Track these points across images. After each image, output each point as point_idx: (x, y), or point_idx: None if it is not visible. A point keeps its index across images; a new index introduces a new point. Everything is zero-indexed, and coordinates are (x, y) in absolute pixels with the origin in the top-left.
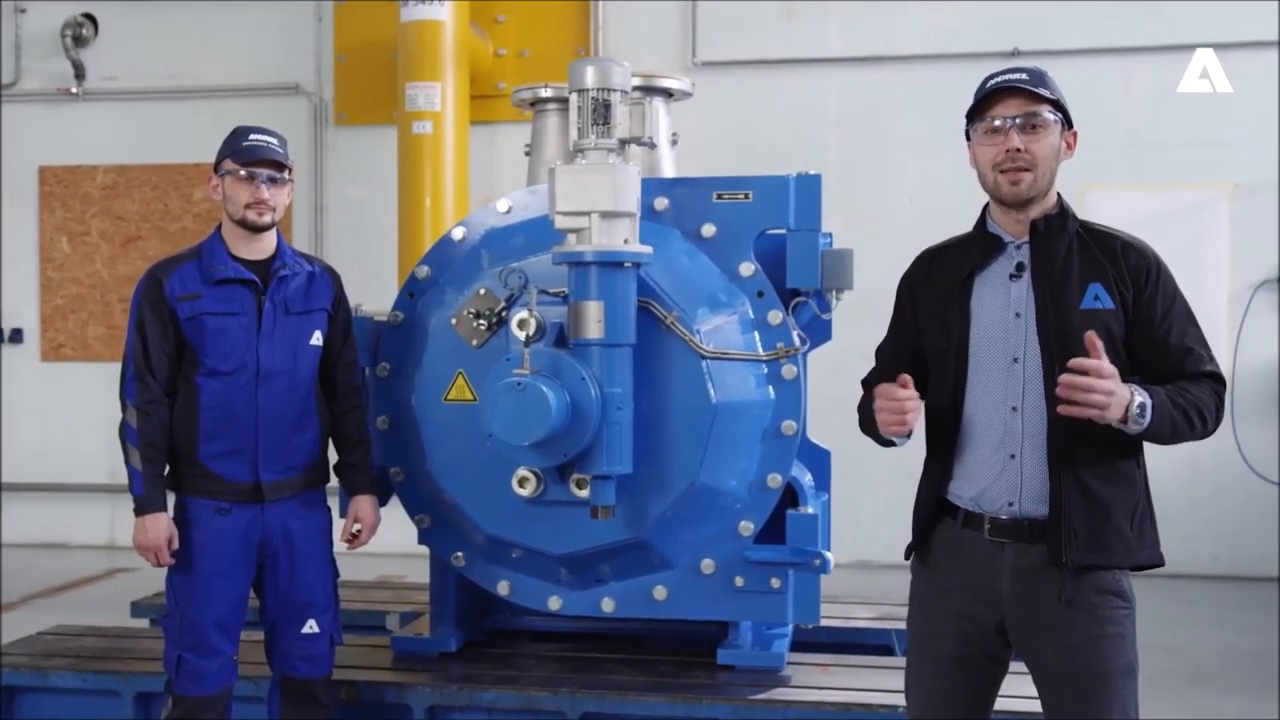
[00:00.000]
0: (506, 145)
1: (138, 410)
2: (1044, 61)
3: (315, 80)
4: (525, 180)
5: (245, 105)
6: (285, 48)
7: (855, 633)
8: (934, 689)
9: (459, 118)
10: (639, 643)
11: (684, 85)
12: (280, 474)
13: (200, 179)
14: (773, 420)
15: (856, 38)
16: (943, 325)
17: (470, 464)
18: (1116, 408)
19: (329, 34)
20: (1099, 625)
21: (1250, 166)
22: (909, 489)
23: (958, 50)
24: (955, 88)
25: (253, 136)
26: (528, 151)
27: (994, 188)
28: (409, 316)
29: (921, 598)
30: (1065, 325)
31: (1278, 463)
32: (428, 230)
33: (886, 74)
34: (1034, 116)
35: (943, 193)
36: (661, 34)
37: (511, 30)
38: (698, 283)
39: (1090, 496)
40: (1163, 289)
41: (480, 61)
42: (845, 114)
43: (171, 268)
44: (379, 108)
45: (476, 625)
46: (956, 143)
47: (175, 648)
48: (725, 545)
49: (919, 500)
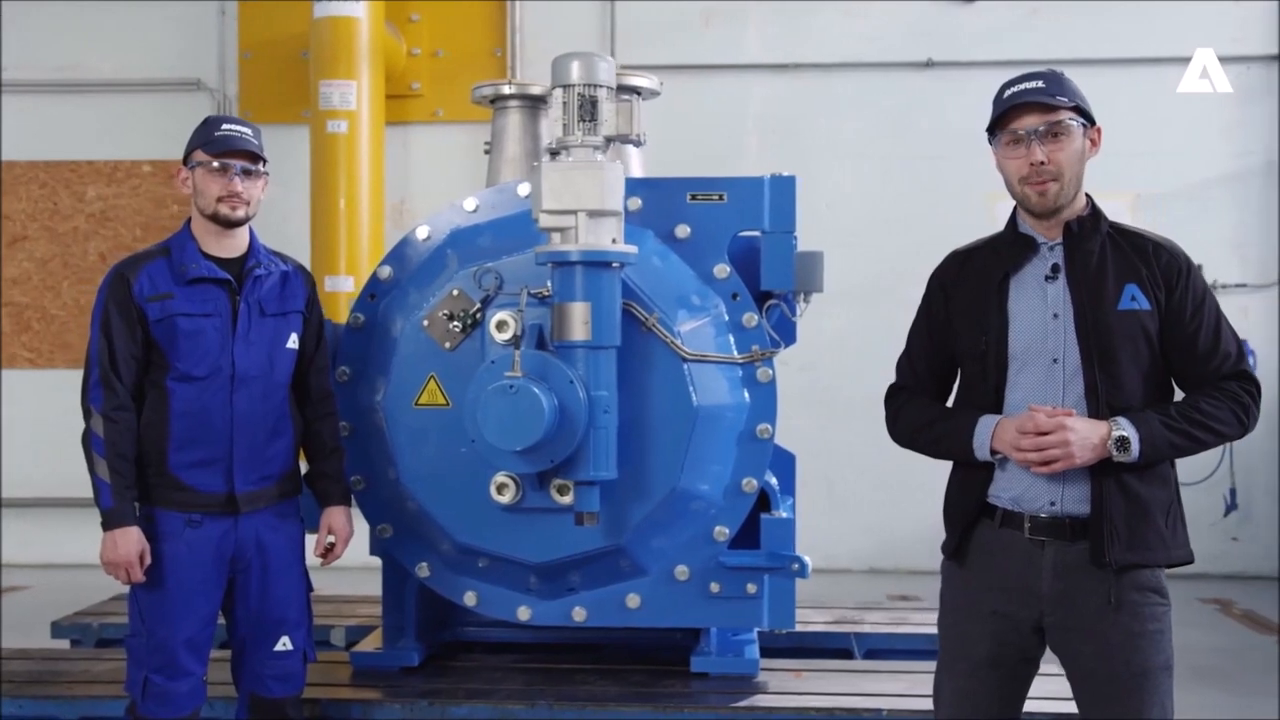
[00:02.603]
0: (420, 146)
1: (104, 418)
2: (955, 72)
3: (218, 76)
4: (447, 181)
5: (142, 100)
6: (185, 42)
7: (814, 637)
8: (969, 690)
9: (374, 117)
10: (598, 651)
11: (652, 84)
12: (255, 484)
13: (94, 176)
14: (748, 424)
15: (774, 45)
16: (980, 326)
17: (443, 470)
18: (1084, 449)
19: (233, 29)
20: (1140, 623)
21: (1151, 177)
22: (837, 493)
23: (874, 59)
24: (871, 96)
25: (225, 126)
26: (487, 150)
27: (1022, 198)
28: (370, 319)
29: (956, 599)
30: (1103, 326)
31: None
32: (343, 232)
33: (804, 81)
34: (1055, 125)
35: (860, 199)
36: (580, 37)
37: (426, 30)
38: (673, 284)
39: (1130, 495)
40: (1193, 288)
41: (394, 61)
42: (764, 120)
43: (139, 265)
44: (287, 106)
45: (434, 639)
46: (873, 150)
47: (141, 669)
48: (700, 551)
49: (953, 501)
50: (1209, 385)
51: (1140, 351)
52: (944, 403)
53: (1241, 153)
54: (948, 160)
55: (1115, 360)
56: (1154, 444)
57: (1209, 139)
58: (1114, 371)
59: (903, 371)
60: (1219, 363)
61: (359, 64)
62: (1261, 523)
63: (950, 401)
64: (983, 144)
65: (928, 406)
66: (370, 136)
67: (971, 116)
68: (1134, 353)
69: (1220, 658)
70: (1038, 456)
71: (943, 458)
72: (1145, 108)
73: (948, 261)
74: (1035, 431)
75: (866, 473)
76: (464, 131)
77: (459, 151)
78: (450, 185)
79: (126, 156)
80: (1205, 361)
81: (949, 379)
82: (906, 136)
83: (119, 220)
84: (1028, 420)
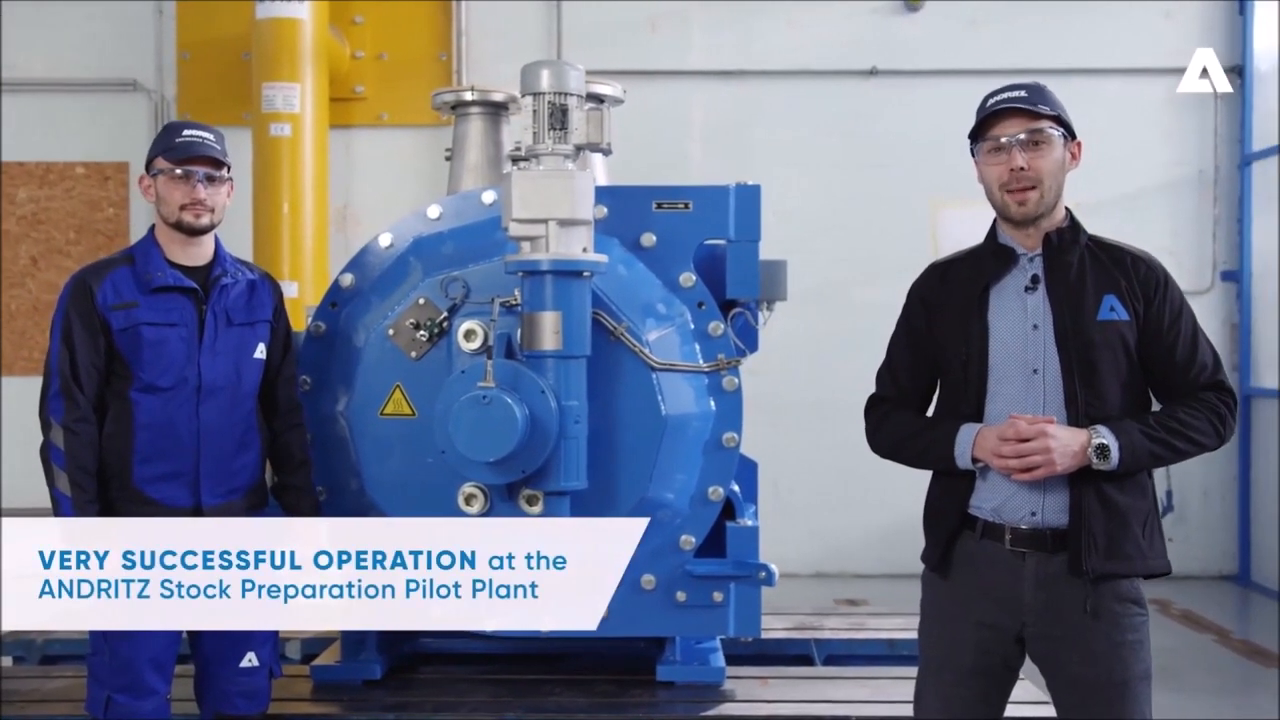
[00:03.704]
0: (364, 150)
1: (65, 429)
2: (898, 82)
3: (156, 77)
4: (392, 186)
5: (75, 101)
6: (121, 42)
7: (774, 644)
8: (954, 699)
9: (318, 121)
10: (558, 661)
11: (616, 91)
12: (222, 497)
13: (25, 178)
14: (714, 432)
15: (720, 52)
16: (961, 337)
17: (409, 481)
18: (1065, 456)
19: (171, 29)
20: (1120, 633)
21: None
22: (783, 497)
23: (818, 67)
24: (815, 104)
25: (186, 132)
26: (448, 156)
27: (1002, 207)
28: (332, 327)
29: (939, 609)
30: (1083, 337)
31: None
32: (285, 237)
33: (749, 89)
34: (1036, 134)
35: (804, 207)
36: (526, 41)
37: (370, 32)
38: (639, 293)
39: (1109, 506)
40: (1170, 300)
41: (337, 64)
42: (708, 127)
43: (102, 273)
44: (227, 108)
45: (395, 650)
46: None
47: (104, 688)
48: (666, 560)
49: (935, 512)
50: (1186, 395)
51: (1119, 362)
52: (924, 413)
53: (1175, 162)
54: (891, 168)
55: (1095, 371)
56: (1133, 452)
57: (1145, 149)
58: (1094, 382)
59: (883, 382)
60: (1196, 373)
61: (303, 66)
62: (1195, 524)
63: (930, 412)
64: (926, 152)
65: (910, 418)
66: (314, 140)
67: (915, 125)
68: (1113, 363)
69: (1164, 657)
70: (1019, 463)
71: (925, 467)
72: (1082, 117)
73: (927, 273)
74: (1017, 439)
75: (811, 478)
76: (409, 135)
77: (404, 155)
78: (395, 190)
79: (59, 158)
80: (1183, 372)
81: (930, 390)
82: (851, 144)
83: (51, 223)
84: (1009, 428)
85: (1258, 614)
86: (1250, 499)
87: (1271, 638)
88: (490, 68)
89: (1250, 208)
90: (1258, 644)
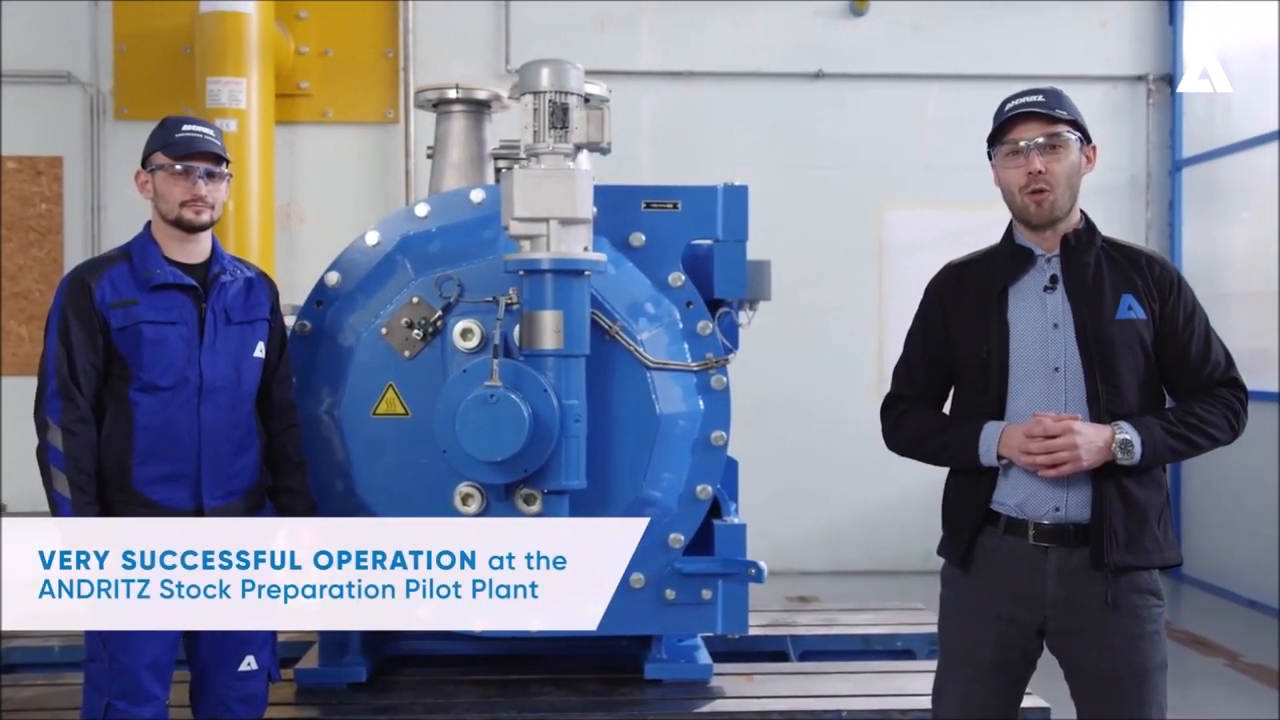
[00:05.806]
0: (309, 147)
1: (63, 430)
2: (844, 85)
3: (91, 70)
4: (336, 183)
5: (6, 92)
6: (53, 32)
7: (750, 640)
8: (973, 693)
9: (264, 117)
10: (542, 662)
11: (602, 91)
12: (223, 499)
13: None
14: (702, 431)
15: (667, 52)
16: (981, 336)
17: (402, 481)
18: (1090, 452)
19: (107, 21)
20: (1139, 624)
21: None
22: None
23: (765, 69)
24: (762, 105)
25: (186, 128)
26: (429, 154)
27: (1021, 209)
28: (317, 326)
29: (960, 604)
30: (1103, 335)
31: None
32: (231, 236)
33: (696, 90)
34: (1054, 137)
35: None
36: (473, 39)
37: (314, 28)
38: (630, 292)
39: (1129, 500)
40: (1184, 300)
41: (282, 59)
42: (656, 128)
43: (99, 270)
44: (165, 102)
45: (377, 653)
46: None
47: (102, 695)
48: (656, 558)
49: (955, 508)
50: (1201, 392)
51: (1137, 360)
52: (940, 411)
53: (1109, 167)
54: (838, 170)
55: (1115, 369)
56: (1154, 447)
57: None
58: (1114, 380)
59: (900, 381)
60: (1210, 370)
61: (249, 61)
62: None
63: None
64: (872, 155)
65: (929, 416)
66: (260, 136)
67: (862, 127)
68: (1132, 361)
69: None
70: (1046, 460)
71: (945, 465)
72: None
73: (944, 273)
74: (1043, 435)
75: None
76: (354, 132)
77: (348, 152)
78: (340, 187)
79: None
80: (1198, 370)
81: (945, 388)
82: (797, 146)
83: None
84: (1035, 425)
85: (1189, 604)
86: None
87: (1206, 627)
88: (438, 66)
89: (1181, 212)
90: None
